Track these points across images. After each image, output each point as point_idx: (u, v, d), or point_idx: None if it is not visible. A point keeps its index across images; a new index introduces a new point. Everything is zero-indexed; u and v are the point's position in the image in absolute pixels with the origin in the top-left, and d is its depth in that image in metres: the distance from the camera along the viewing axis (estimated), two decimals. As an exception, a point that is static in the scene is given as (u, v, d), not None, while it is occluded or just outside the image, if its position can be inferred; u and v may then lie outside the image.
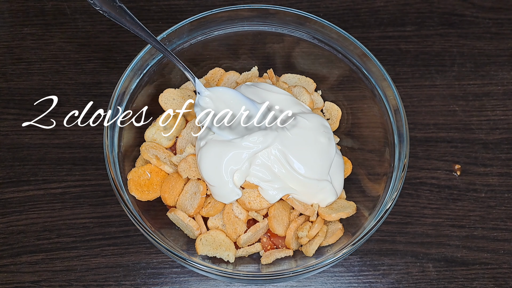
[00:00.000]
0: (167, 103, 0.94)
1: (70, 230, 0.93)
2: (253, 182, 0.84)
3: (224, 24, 0.94)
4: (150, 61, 0.91)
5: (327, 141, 0.88)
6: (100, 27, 1.10)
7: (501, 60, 1.09)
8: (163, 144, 0.92)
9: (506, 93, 1.06)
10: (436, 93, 1.06)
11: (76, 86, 1.04)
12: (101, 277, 0.90)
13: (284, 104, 0.89)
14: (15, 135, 1.00)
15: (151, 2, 1.13)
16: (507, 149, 1.01)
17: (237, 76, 0.99)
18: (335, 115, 0.97)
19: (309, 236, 0.85)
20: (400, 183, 0.82)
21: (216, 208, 0.85)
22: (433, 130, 1.02)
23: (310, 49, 0.96)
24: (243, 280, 0.80)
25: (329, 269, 0.92)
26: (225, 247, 0.85)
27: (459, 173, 0.99)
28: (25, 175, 0.97)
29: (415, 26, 1.12)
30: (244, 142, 0.82)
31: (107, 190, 0.96)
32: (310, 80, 1.00)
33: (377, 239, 0.94)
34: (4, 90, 1.03)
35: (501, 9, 1.13)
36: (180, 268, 0.91)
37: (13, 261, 0.91)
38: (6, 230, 0.93)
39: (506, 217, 0.96)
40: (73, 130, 1.00)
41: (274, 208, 0.85)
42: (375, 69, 0.90)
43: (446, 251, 0.93)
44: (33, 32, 1.09)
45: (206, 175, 0.83)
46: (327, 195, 0.86)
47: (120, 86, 0.87)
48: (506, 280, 0.92)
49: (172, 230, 0.88)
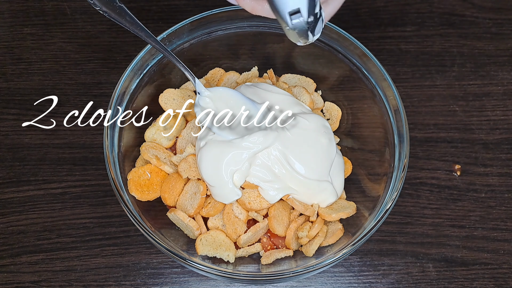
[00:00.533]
0: (167, 103, 0.94)
1: (70, 230, 0.93)
2: (253, 182, 0.84)
3: (224, 24, 0.94)
4: (150, 61, 0.91)
5: (328, 141, 0.88)
6: (100, 27, 1.09)
7: (501, 60, 1.09)
8: (163, 144, 0.92)
9: (506, 93, 1.06)
10: (436, 93, 1.06)
11: (76, 86, 1.04)
12: (101, 277, 0.90)
13: (284, 104, 0.89)
14: (15, 135, 1.00)
15: (151, 2, 1.13)
16: (507, 149, 1.01)
17: (237, 76, 0.99)
18: (335, 115, 0.97)
19: (309, 236, 0.85)
20: (400, 183, 0.82)
21: (216, 208, 0.85)
22: (433, 130, 1.02)
23: (310, 49, 0.96)
24: (243, 280, 0.80)
25: (329, 269, 0.92)
26: (225, 247, 0.85)
27: (459, 173, 0.99)
28: (25, 175, 0.97)
29: (415, 26, 1.12)
30: (244, 143, 0.82)
31: (107, 190, 0.96)
32: (310, 80, 1.00)
33: (377, 239, 0.94)
34: (4, 90, 1.03)
35: (501, 9, 1.13)
36: (180, 268, 0.91)
37: (13, 261, 0.91)
38: (6, 230, 0.93)
39: (506, 217, 0.96)
40: (73, 130, 1.00)
41: (274, 208, 0.85)
42: (375, 69, 0.90)
43: (446, 251, 0.93)
44: (33, 32, 1.09)
45: (206, 175, 0.83)
46: (328, 196, 0.86)
47: (120, 86, 0.87)
48: (506, 280, 0.92)
49: (172, 230, 0.88)
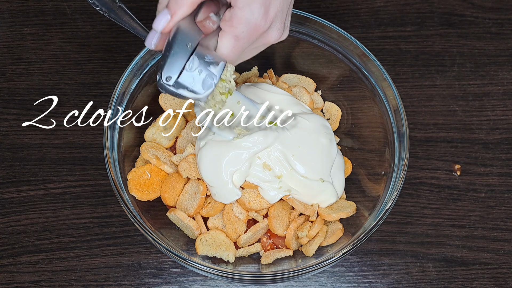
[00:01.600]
0: (167, 103, 0.94)
1: (70, 230, 0.93)
2: (253, 182, 0.84)
3: (224, 24, 0.94)
4: (150, 61, 0.91)
5: (329, 142, 0.87)
6: (100, 27, 1.09)
7: (501, 60, 1.09)
8: (163, 144, 0.92)
9: (506, 93, 1.06)
10: (436, 93, 1.06)
11: (76, 86, 1.04)
12: (101, 277, 0.90)
13: (284, 104, 0.89)
14: (15, 135, 1.00)
15: (151, 2, 1.13)
16: (507, 149, 1.01)
17: (237, 76, 0.99)
18: (335, 115, 0.97)
19: (309, 236, 0.85)
20: (400, 183, 0.82)
21: (216, 208, 0.85)
22: (433, 130, 1.02)
23: (310, 49, 0.96)
24: (243, 280, 0.80)
25: (329, 269, 0.92)
26: (225, 247, 0.85)
27: (459, 173, 0.99)
28: (25, 175, 0.97)
29: (415, 26, 1.12)
30: (244, 143, 0.82)
31: (107, 190, 0.96)
32: (310, 80, 1.00)
33: (377, 239, 0.94)
34: (4, 90, 1.03)
35: (501, 9, 1.13)
36: (180, 268, 0.91)
37: (13, 261, 0.91)
38: (6, 230, 0.93)
39: (506, 217, 0.96)
40: (73, 130, 1.00)
41: (274, 208, 0.85)
42: (375, 69, 0.90)
43: (446, 251, 0.93)
44: (33, 32, 1.09)
45: (205, 175, 0.83)
46: (328, 196, 0.86)
47: (120, 86, 0.87)
48: (506, 280, 0.92)
49: (172, 230, 0.88)
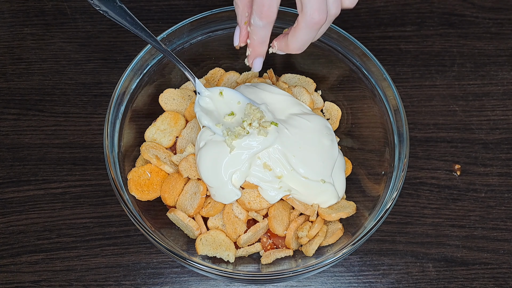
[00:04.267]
0: (167, 103, 0.94)
1: (70, 230, 0.93)
2: (253, 182, 0.84)
3: (224, 24, 0.94)
4: (150, 61, 0.91)
5: (330, 143, 0.87)
6: (100, 27, 1.10)
7: (501, 60, 1.09)
8: (163, 144, 0.92)
9: (506, 93, 1.06)
10: (436, 93, 1.06)
11: (76, 86, 1.04)
12: (101, 277, 0.90)
13: (284, 105, 0.89)
14: (15, 135, 1.00)
15: (151, 2, 1.13)
16: (507, 149, 1.01)
17: (237, 76, 0.99)
18: (335, 115, 0.97)
19: (309, 236, 0.85)
20: (400, 183, 0.82)
21: (216, 208, 0.85)
22: (433, 130, 1.02)
23: (310, 49, 0.95)
24: (243, 280, 0.80)
25: (329, 269, 0.92)
26: (225, 247, 0.85)
27: (459, 173, 0.99)
28: (25, 175, 0.97)
29: (415, 26, 1.12)
30: (244, 143, 0.82)
31: (107, 190, 0.96)
32: (310, 80, 1.00)
33: (377, 239, 0.94)
34: (4, 90, 1.03)
35: (501, 9, 1.13)
36: (180, 268, 0.91)
37: (13, 261, 0.91)
38: (6, 230, 0.93)
39: (506, 217, 0.96)
40: (73, 130, 1.00)
41: (274, 208, 0.85)
42: (375, 69, 0.90)
43: (446, 251, 0.93)
44: (33, 32, 1.09)
45: (205, 176, 0.83)
46: (329, 197, 0.86)
47: (120, 86, 0.87)
48: (506, 280, 0.92)
49: (172, 230, 0.88)
